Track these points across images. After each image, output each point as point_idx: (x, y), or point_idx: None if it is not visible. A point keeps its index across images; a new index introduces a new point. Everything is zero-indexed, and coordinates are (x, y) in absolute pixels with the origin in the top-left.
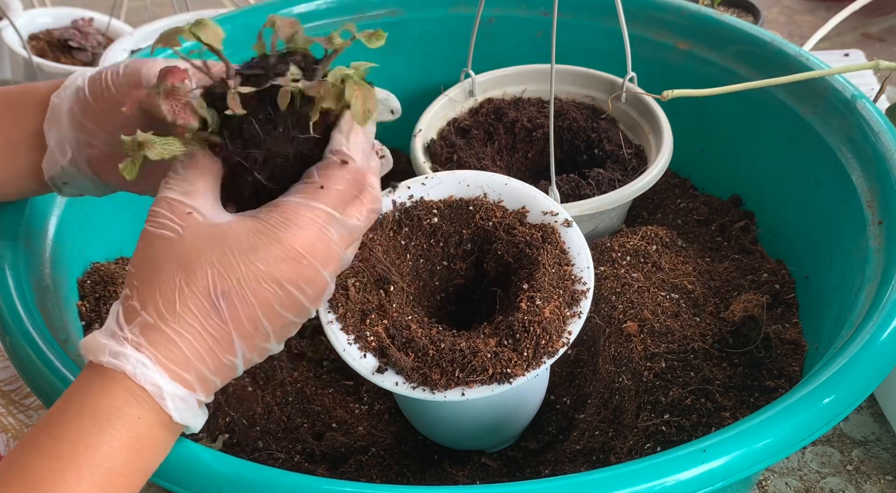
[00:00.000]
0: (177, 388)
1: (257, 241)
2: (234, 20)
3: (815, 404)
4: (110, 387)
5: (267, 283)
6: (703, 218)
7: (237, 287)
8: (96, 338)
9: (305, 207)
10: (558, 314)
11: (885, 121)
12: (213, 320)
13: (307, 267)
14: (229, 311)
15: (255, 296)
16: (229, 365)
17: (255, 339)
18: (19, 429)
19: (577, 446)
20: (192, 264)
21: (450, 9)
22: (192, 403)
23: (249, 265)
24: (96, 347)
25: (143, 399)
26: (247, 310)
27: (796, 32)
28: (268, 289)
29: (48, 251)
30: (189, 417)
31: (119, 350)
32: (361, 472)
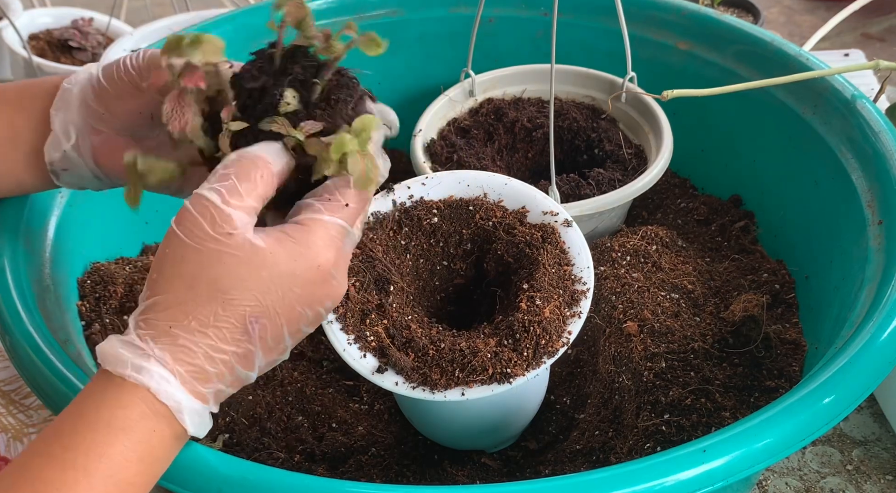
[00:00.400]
0: (195, 403)
1: (295, 267)
2: (234, 20)
3: (815, 405)
4: (128, 400)
5: (301, 306)
6: (703, 218)
7: (272, 312)
8: (116, 348)
9: (332, 227)
10: (558, 314)
11: (885, 121)
12: (244, 344)
13: (337, 285)
14: (260, 333)
15: (287, 318)
16: (244, 378)
17: (275, 354)
18: (19, 429)
19: (577, 446)
20: (231, 290)
21: (450, 9)
22: (206, 416)
23: (287, 291)
24: (117, 357)
25: (161, 414)
26: (275, 330)
27: (796, 32)
28: (300, 311)
29: (48, 251)
30: (202, 430)
31: (142, 365)
32: (361, 472)
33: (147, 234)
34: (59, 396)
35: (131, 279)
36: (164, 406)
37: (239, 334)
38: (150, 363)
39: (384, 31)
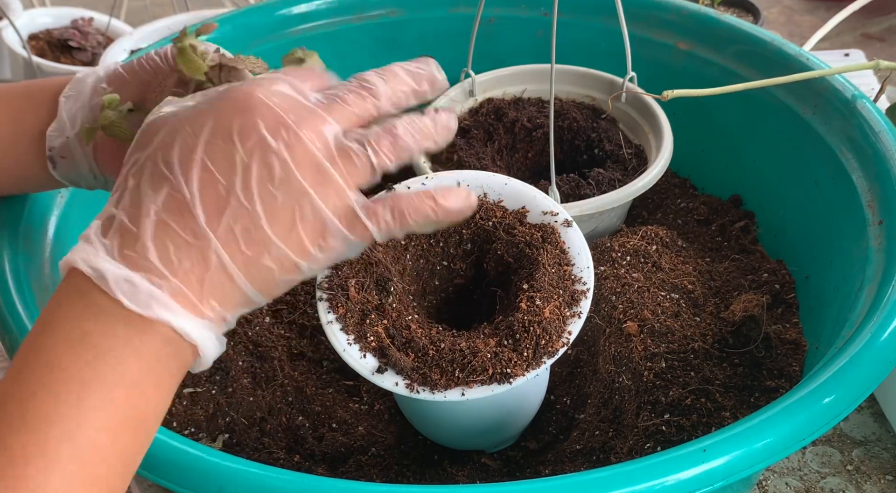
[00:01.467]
0: (122, 269)
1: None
2: (234, 20)
3: (816, 404)
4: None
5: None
6: (703, 218)
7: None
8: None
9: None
10: (558, 314)
11: (886, 121)
12: (164, 189)
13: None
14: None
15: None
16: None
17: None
18: None
19: (577, 445)
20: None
21: (450, 9)
22: (153, 290)
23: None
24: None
25: (88, 289)
26: (202, 173)
27: (796, 32)
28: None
29: (48, 251)
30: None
31: (73, 248)
32: (361, 472)
33: None
34: None
35: None
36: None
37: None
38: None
39: (384, 31)
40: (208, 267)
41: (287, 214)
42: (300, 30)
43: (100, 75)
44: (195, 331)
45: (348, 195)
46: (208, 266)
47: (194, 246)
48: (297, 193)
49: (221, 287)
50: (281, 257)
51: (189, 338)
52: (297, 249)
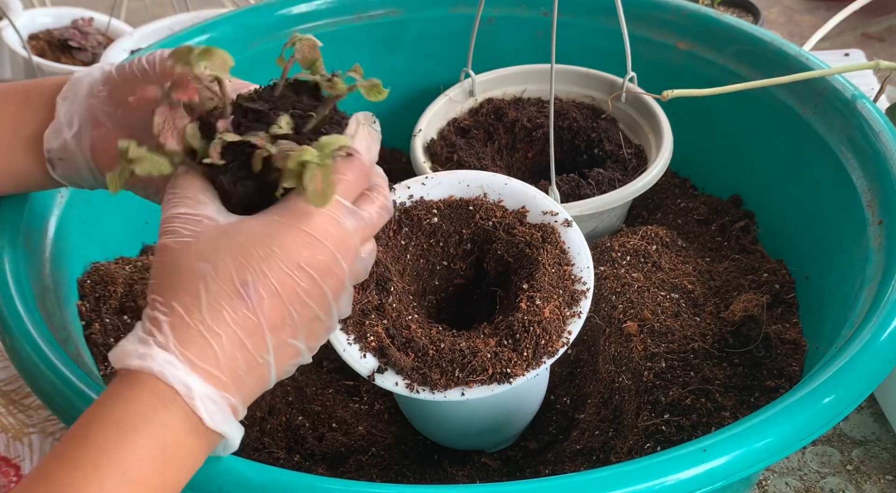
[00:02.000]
0: (208, 388)
1: (272, 229)
2: (234, 20)
3: (816, 404)
4: (137, 392)
5: (287, 267)
6: (703, 218)
7: (260, 275)
8: (123, 345)
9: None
10: (558, 314)
11: (886, 121)
12: (242, 311)
13: (323, 250)
14: (256, 300)
15: (279, 282)
16: (263, 364)
17: (284, 333)
18: (19, 429)
19: (577, 445)
20: (213, 258)
21: (450, 9)
22: (225, 406)
23: (268, 252)
24: (123, 353)
25: (171, 402)
26: (273, 299)
27: (796, 32)
28: (289, 274)
29: (48, 251)
30: (222, 422)
31: (146, 352)
32: (361, 472)
33: (147, 234)
34: (58, 396)
35: (131, 279)
36: (172, 391)
37: (234, 300)
38: (152, 349)
39: (384, 31)
40: (261, 383)
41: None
42: (300, 30)
43: (95, 77)
44: (237, 437)
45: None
46: (261, 382)
47: (259, 366)
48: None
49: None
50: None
51: (231, 444)
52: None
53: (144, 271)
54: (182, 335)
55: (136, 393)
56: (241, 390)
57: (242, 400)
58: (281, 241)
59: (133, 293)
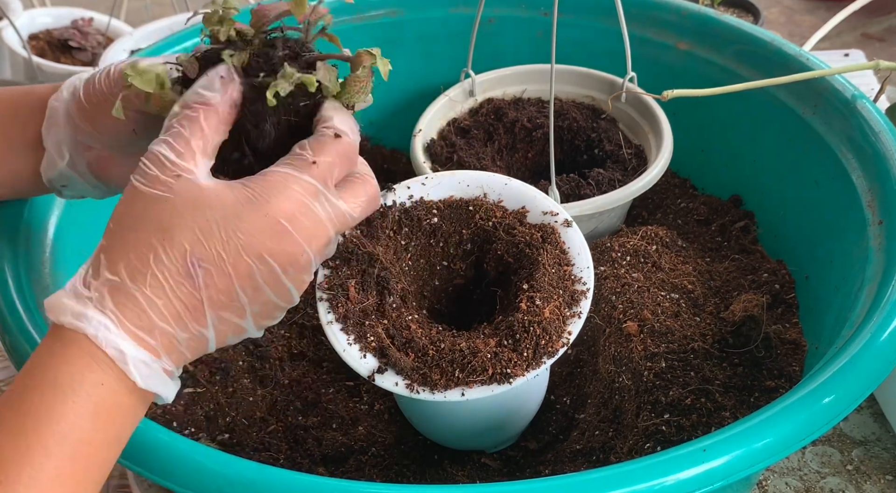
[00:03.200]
0: (141, 352)
1: (241, 210)
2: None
3: (815, 404)
4: (71, 352)
5: (247, 255)
6: (703, 218)
7: (216, 257)
8: (59, 298)
9: (294, 180)
10: (558, 314)
11: (886, 121)
12: (186, 288)
13: (291, 243)
14: (205, 279)
15: (234, 267)
16: (199, 336)
17: (229, 312)
18: None
19: (577, 445)
20: (172, 228)
21: (450, 9)
22: (158, 369)
23: (231, 235)
24: (58, 306)
25: (106, 364)
26: (223, 281)
27: (796, 32)
28: (247, 261)
29: (48, 251)
30: (156, 384)
31: (81, 311)
32: (361, 472)
33: None
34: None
35: None
36: (107, 355)
37: (181, 277)
38: (87, 309)
39: (384, 31)
40: (198, 351)
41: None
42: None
43: (68, 101)
44: (170, 393)
45: None
46: (198, 350)
47: (196, 338)
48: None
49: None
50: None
51: (165, 398)
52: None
53: None
54: (120, 299)
55: (70, 352)
56: (174, 357)
57: (175, 363)
58: (247, 226)
59: None
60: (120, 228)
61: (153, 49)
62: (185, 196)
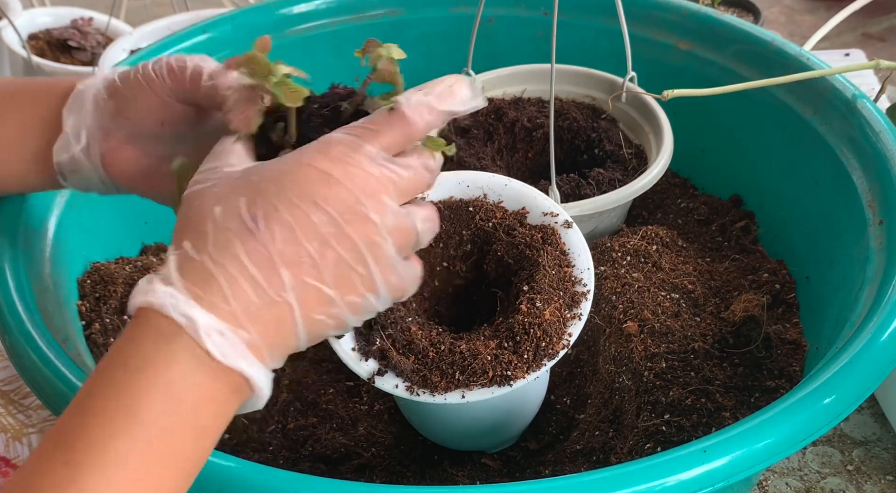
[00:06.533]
0: (213, 320)
1: (290, 167)
2: (234, 20)
3: (816, 405)
4: (142, 331)
5: (301, 201)
6: (703, 218)
7: (271, 209)
8: (138, 283)
9: (339, 138)
10: (558, 316)
11: (886, 121)
12: (251, 243)
13: (342, 190)
14: (266, 233)
15: (291, 215)
16: (281, 303)
17: (304, 271)
18: (19, 429)
19: (578, 446)
20: (225, 195)
21: (450, 9)
22: (236, 340)
23: (282, 188)
24: (133, 291)
25: (176, 336)
26: (285, 232)
27: (796, 32)
28: (303, 209)
29: (48, 251)
30: (235, 357)
31: (148, 287)
32: (361, 472)
33: (147, 234)
34: (58, 396)
35: (131, 279)
36: (175, 326)
37: (243, 233)
38: (154, 285)
39: (384, 31)
40: (283, 324)
41: (349, 281)
42: (300, 30)
43: (99, 87)
44: (262, 380)
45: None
46: (285, 325)
47: (276, 304)
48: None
49: (286, 342)
50: (339, 315)
51: (256, 386)
52: (353, 309)
53: (144, 270)
54: (187, 269)
55: (141, 332)
56: (256, 325)
57: (262, 338)
58: (294, 177)
59: None
60: (179, 224)
61: (153, 49)
62: (234, 173)
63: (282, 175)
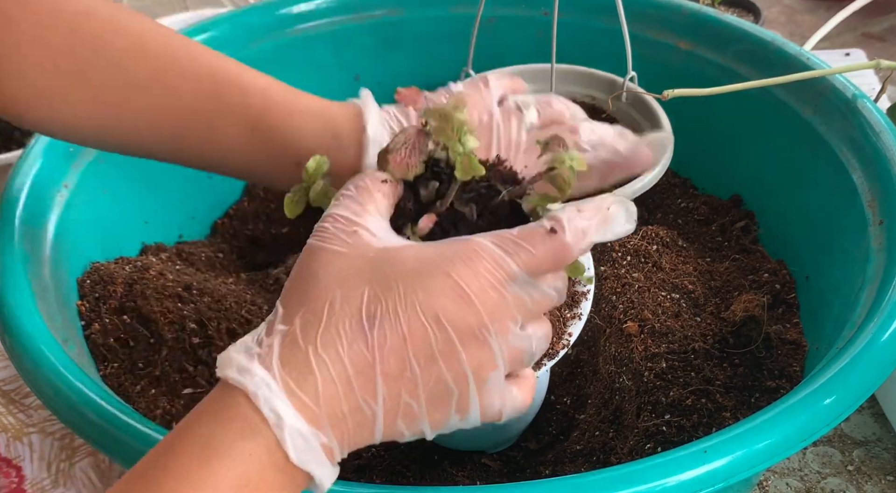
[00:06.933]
0: (299, 421)
1: (423, 267)
2: (234, 20)
3: (816, 405)
4: (229, 413)
5: (424, 314)
6: (703, 218)
7: (391, 313)
8: (230, 351)
9: (490, 254)
10: (558, 316)
11: (886, 121)
12: (358, 345)
13: (472, 312)
14: (378, 338)
15: (409, 328)
16: (365, 409)
17: (399, 383)
18: (19, 428)
19: (578, 446)
20: (349, 279)
21: (450, 8)
22: (315, 444)
23: (409, 291)
24: (226, 360)
25: (260, 431)
26: (396, 342)
27: (797, 32)
28: (423, 322)
29: (48, 251)
30: (310, 461)
31: (246, 366)
32: (361, 473)
33: (147, 233)
34: (58, 396)
35: (131, 279)
36: (262, 419)
37: (355, 333)
38: (254, 365)
39: (384, 31)
40: (362, 430)
41: (444, 401)
42: (300, 29)
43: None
44: (327, 480)
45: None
46: (363, 430)
47: (362, 411)
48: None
49: (359, 443)
50: (419, 427)
51: (320, 485)
52: (435, 425)
53: (144, 270)
54: (288, 354)
55: (227, 413)
56: (337, 430)
57: (339, 441)
58: (428, 284)
59: (133, 293)
60: (296, 284)
61: None
62: (366, 251)
63: (415, 277)
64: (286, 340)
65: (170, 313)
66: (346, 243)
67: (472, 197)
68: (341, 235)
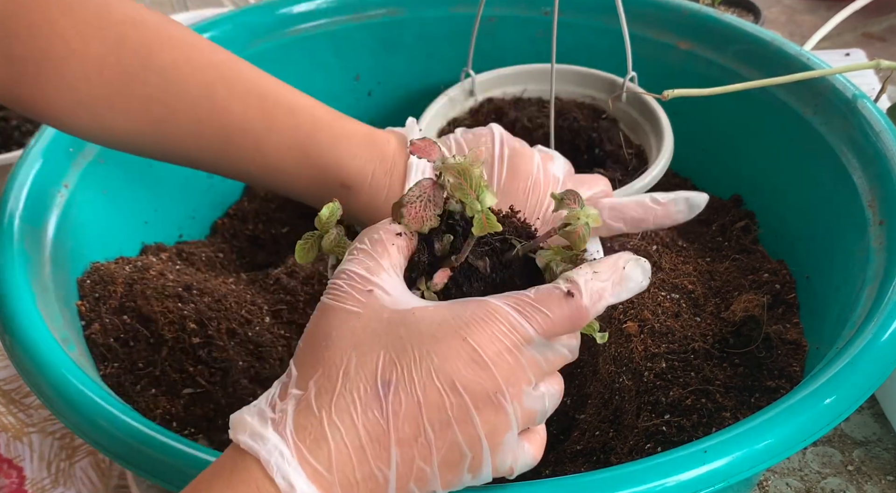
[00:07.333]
0: (311, 490)
1: (438, 330)
2: (234, 20)
3: (817, 405)
4: (241, 478)
5: (439, 380)
6: (703, 218)
7: (407, 378)
8: (243, 413)
9: (505, 314)
10: None
11: (886, 121)
12: (372, 413)
13: (488, 377)
14: (393, 405)
15: (424, 393)
16: (378, 477)
17: (414, 449)
18: (19, 428)
19: (578, 446)
20: (363, 344)
21: (450, 8)
22: None
23: (424, 356)
24: (240, 423)
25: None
26: (411, 408)
27: (797, 32)
28: (438, 388)
29: (48, 251)
30: None
31: (260, 431)
32: None
33: (146, 234)
34: (58, 396)
35: (131, 279)
36: (274, 486)
37: (369, 399)
38: (267, 431)
39: (384, 31)
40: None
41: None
42: (300, 29)
43: None
44: None
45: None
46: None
47: (376, 478)
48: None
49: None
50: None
51: None
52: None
53: (144, 270)
54: (302, 421)
55: (238, 478)
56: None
57: None
58: (444, 349)
59: (133, 293)
60: (310, 346)
61: None
62: (378, 311)
63: (431, 341)
64: (300, 405)
65: (170, 312)
66: (360, 303)
67: (486, 251)
68: (356, 293)
